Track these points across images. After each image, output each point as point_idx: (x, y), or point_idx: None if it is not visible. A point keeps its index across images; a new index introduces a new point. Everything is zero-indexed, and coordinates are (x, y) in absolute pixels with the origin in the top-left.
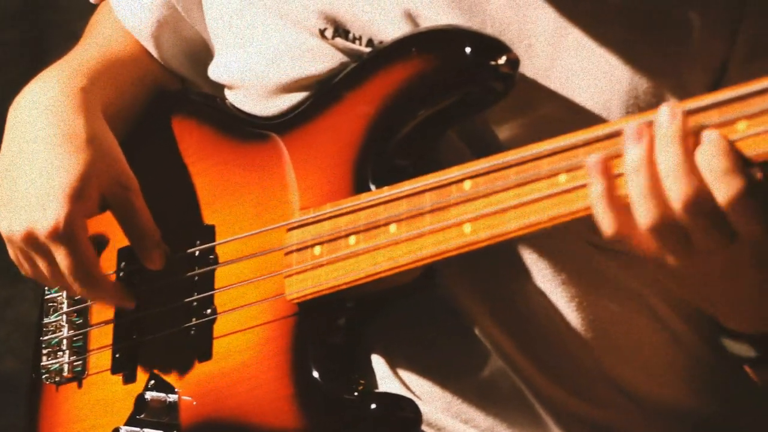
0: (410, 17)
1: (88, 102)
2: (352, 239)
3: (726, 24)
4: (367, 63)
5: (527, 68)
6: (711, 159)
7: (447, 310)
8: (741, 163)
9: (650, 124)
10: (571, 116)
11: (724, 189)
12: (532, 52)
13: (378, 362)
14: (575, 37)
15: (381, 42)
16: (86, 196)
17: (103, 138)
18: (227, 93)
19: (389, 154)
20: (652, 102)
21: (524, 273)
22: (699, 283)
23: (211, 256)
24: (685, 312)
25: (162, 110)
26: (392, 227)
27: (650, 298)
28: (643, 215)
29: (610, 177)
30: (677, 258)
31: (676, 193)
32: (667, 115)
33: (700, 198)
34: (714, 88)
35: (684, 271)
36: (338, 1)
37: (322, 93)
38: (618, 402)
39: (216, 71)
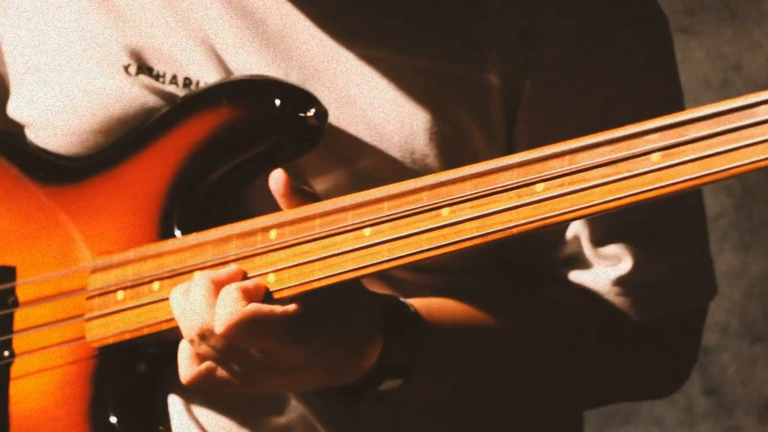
0: (213, 51)
1: None
2: (156, 285)
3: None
4: (176, 109)
5: (326, 98)
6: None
7: None
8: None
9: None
10: (379, 155)
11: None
12: (335, 82)
13: (173, 401)
14: (378, 70)
15: (186, 79)
16: None
17: None
18: (27, 132)
19: (195, 201)
20: (448, 134)
21: None
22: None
23: (11, 298)
24: None
25: None
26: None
27: None
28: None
29: None
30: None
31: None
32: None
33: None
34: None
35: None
36: (142, 36)
37: (131, 137)
38: None
39: (15, 108)
